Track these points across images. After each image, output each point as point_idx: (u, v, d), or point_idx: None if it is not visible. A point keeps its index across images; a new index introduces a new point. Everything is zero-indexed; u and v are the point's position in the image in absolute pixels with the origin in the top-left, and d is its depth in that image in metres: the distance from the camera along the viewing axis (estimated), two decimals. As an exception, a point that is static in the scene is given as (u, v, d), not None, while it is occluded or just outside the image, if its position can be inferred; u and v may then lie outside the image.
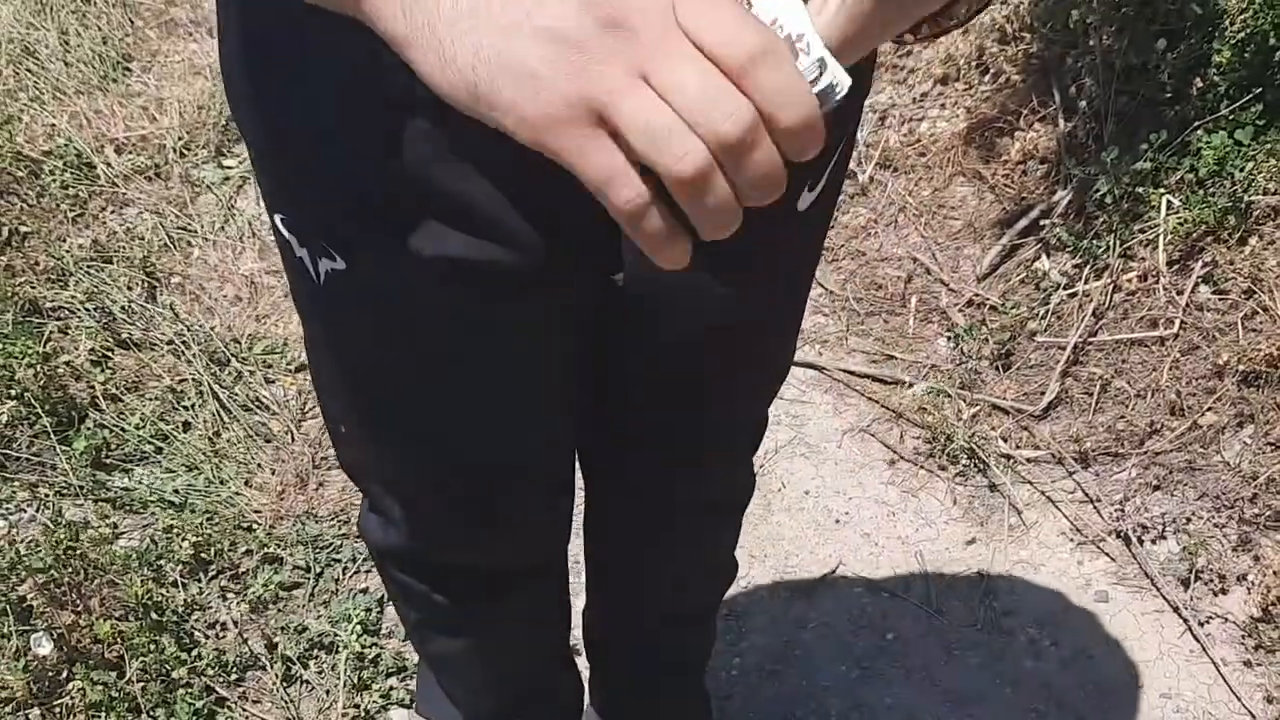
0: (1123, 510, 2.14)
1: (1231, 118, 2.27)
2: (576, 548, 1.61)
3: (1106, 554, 2.12)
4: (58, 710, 1.87)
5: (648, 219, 0.58)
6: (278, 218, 1.05)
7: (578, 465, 1.45)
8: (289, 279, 1.14)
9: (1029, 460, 2.24)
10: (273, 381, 2.39)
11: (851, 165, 2.68)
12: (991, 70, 2.72)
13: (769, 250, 1.11)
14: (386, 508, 1.35)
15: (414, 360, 1.12)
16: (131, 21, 3.17)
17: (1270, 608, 1.99)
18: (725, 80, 0.56)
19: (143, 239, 2.62)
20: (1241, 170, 2.23)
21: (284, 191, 1.04)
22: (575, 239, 0.98)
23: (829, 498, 2.23)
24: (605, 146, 0.57)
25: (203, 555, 2.08)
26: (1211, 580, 2.05)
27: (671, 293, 1.09)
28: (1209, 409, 2.19)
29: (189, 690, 1.91)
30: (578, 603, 1.70)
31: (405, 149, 0.89)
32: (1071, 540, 2.14)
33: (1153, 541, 2.12)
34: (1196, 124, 2.31)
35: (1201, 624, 2.02)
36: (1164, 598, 2.05)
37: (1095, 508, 2.17)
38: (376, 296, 1.06)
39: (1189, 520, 2.11)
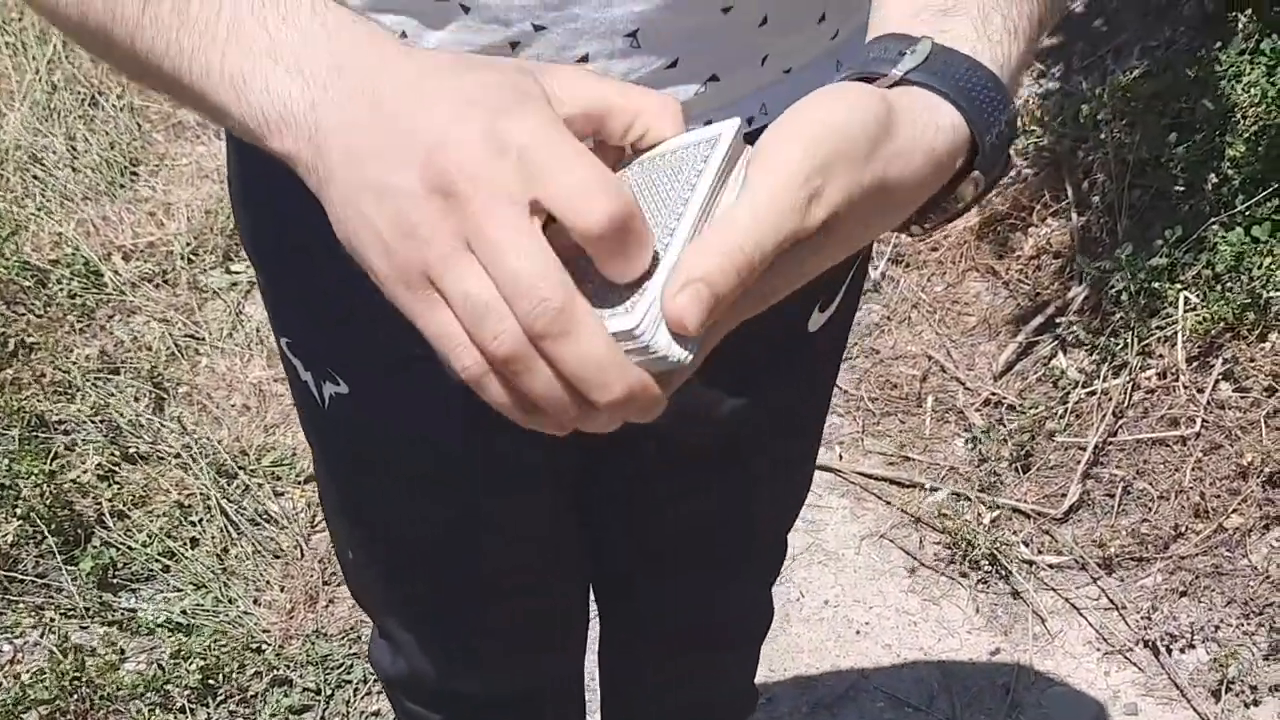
0: (1149, 618, 2.09)
1: (1248, 213, 2.25)
2: (592, 663, 1.57)
3: (1134, 664, 2.07)
4: None
5: (488, 388, 0.55)
6: (284, 341, 1.06)
7: (592, 589, 1.42)
8: (295, 402, 1.14)
9: (1052, 566, 2.19)
10: (281, 494, 2.36)
11: (863, 262, 2.65)
12: (1002, 164, 2.70)
13: (779, 374, 1.09)
14: (395, 635, 1.33)
15: (418, 485, 1.10)
16: (139, 125, 3.17)
17: (1305, 720, 1.94)
18: (543, 264, 0.52)
19: (150, 348, 2.60)
20: (1259, 267, 2.20)
21: (289, 316, 1.05)
22: None
23: (849, 607, 2.19)
24: (442, 312, 0.54)
25: (210, 681, 2.04)
26: (1243, 691, 2.00)
27: (682, 415, 1.06)
28: (1234, 510, 2.15)
29: (197, 823, 1.87)
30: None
31: None
32: (1098, 649, 2.10)
33: (1181, 651, 2.07)
34: (1212, 219, 2.28)
35: (1235, 737, 1.97)
36: (1195, 710, 2.00)
37: (1121, 615, 2.12)
38: (379, 420, 1.05)
39: (1217, 628, 2.07)
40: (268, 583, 2.20)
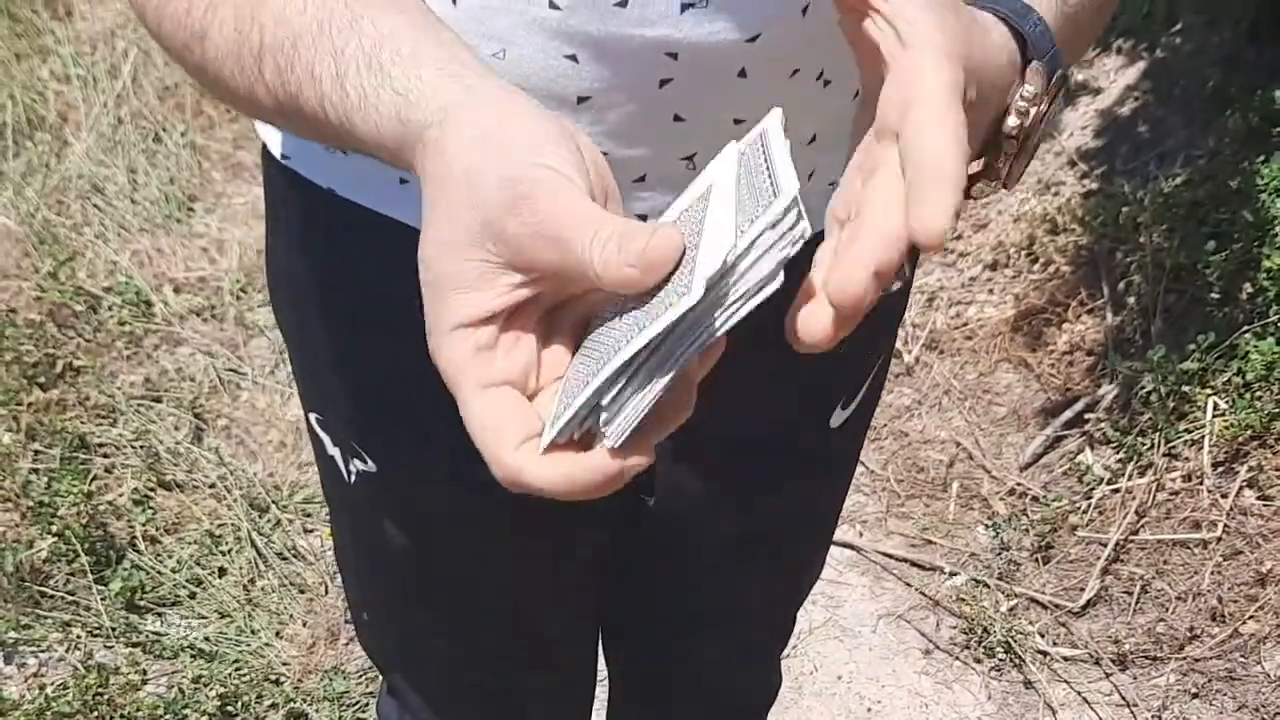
0: (1160, 717, 2.10)
1: (1280, 324, 2.28)
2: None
3: (1143, 762, 2.08)
4: None
5: None
6: (312, 416, 1.08)
7: (601, 660, 1.45)
8: (319, 473, 1.16)
9: (1066, 659, 2.21)
10: (311, 531, 2.40)
11: (898, 345, 2.69)
12: (1041, 259, 2.74)
13: (798, 467, 1.12)
14: (404, 695, 1.35)
15: (439, 561, 1.13)
16: (199, 163, 3.25)
17: (1310, 830, 1.94)
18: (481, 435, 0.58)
19: (193, 379, 2.65)
20: (1289, 377, 2.23)
21: (317, 391, 1.07)
22: None
23: (862, 684, 2.20)
24: None
25: (228, 708, 2.07)
26: (1250, 797, 2.01)
27: (699, 512, 1.09)
28: (1251, 617, 2.16)
29: None
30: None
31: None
32: (1107, 745, 2.11)
33: (1190, 752, 2.08)
34: (1245, 328, 2.31)
35: (1239, 843, 1.97)
36: (1201, 812, 2.01)
37: (1132, 712, 2.13)
38: (404, 499, 1.07)
39: (1228, 732, 2.08)
40: (291, 616, 2.24)
